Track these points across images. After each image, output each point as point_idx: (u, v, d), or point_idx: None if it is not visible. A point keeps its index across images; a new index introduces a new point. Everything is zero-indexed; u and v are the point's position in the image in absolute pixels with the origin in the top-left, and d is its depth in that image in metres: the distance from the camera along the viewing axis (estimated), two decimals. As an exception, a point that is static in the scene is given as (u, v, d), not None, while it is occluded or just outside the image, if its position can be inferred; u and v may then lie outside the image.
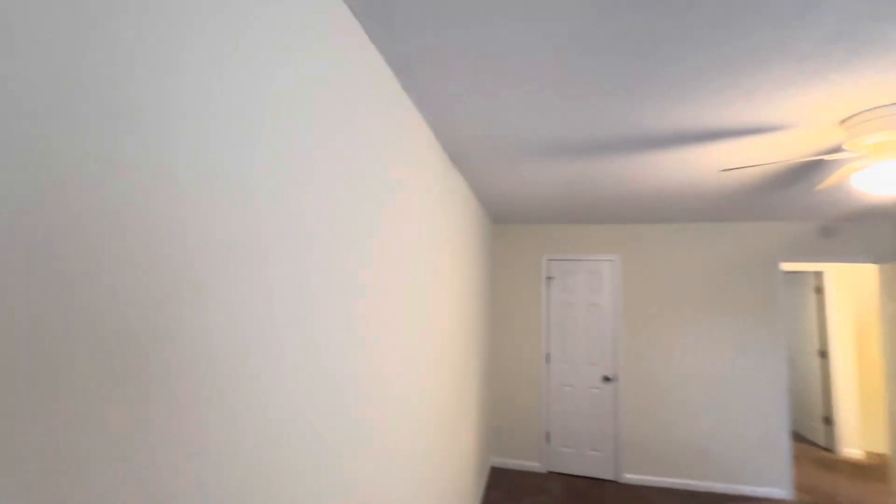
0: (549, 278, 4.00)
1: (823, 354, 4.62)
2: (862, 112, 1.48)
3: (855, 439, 4.39)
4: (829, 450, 4.53)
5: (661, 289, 3.79)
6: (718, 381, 3.62)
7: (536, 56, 1.20)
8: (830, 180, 1.82)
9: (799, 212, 3.18)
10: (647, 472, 3.66)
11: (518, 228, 4.10)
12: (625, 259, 3.87)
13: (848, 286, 4.54)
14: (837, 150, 1.78)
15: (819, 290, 4.68)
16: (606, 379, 3.80)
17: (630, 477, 3.67)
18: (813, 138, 1.70)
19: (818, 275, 4.68)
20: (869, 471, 4.01)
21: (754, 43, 1.10)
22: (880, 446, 4.37)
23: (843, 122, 1.55)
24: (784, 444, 3.47)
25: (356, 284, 1.09)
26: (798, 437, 4.86)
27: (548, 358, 3.93)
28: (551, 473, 3.81)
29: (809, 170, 2.12)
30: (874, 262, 3.47)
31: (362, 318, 1.13)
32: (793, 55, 1.15)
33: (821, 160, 1.86)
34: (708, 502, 3.34)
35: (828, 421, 4.55)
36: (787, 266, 4.50)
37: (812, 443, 4.75)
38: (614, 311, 3.84)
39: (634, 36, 1.09)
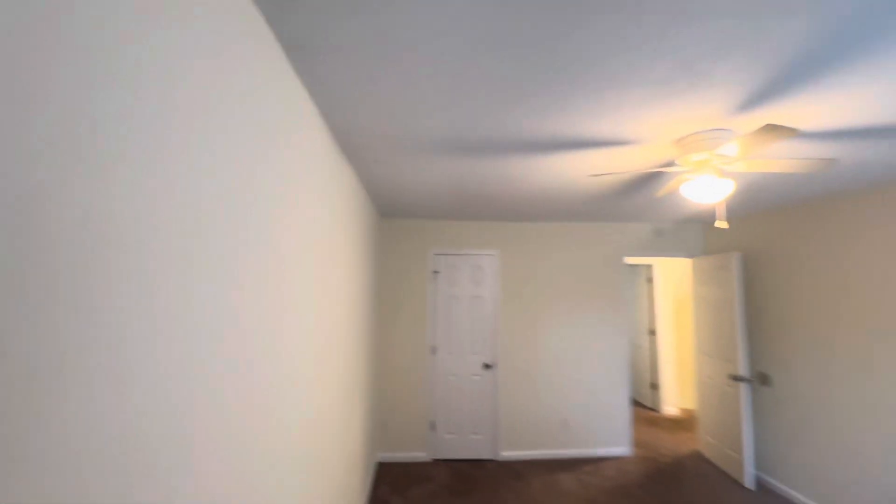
0: (435, 272, 4.10)
1: (653, 332, 5.63)
2: (690, 134, 1.81)
3: (673, 399, 5.45)
4: (654, 410, 5.54)
5: (534, 281, 4.18)
6: (578, 361, 4.14)
7: (432, 54, 1.20)
8: (666, 189, 2.21)
9: (640, 214, 3.80)
10: (521, 448, 4.02)
11: (406, 223, 4.12)
12: (504, 254, 4.17)
13: (670, 276, 5.59)
14: (672, 164, 2.16)
15: (650, 280, 5.67)
16: (487, 366, 4.05)
17: (506, 454, 3.99)
18: (656, 153, 2.03)
19: (649, 267, 5.66)
20: (682, 423, 5.02)
21: (618, 69, 1.26)
22: (690, 404, 5.51)
23: (677, 141, 1.88)
24: (625, 410, 4.14)
25: (228, 281, 0.96)
26: (634, 403, 5.85)
27: (433, 350, 4.04)
28: (436, 461, 3.93)
29: (651, 179, 2.54)
30: (688, 256, 4.34)
31: (236, 323, 1.00)
32: (647, 82, 1.35)
33: (660, 172, 2.24)
34: (569, 467, 3.81)
35: (654, 386, 5.57)
36: (629, 260, 5.36)
37: (643, 405, 5.76)
38: (494, 302, 4.11)
39: (520, 55, 1.16)
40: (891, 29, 1.07)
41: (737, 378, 3.50)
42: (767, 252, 3.52)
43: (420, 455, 3.93)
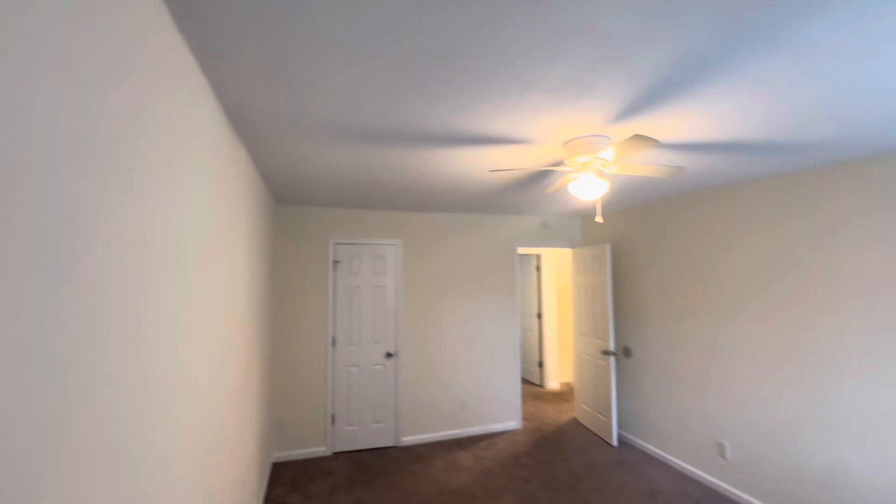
0: (336, 262, 3.98)
1: (540, 316, 6.19)
2: (576, 138, 2.03)
3: (555, 375, 6.09)
4: (540, 385, 6.14)
5: (436, 270, 4.30)
6: (475, 345, 4.39)
7: (339, 39, 1.17)
8: (555, 186, 2.45)
9: (531, 208, 4.14)
10: (422, 432, 4.15)
11: (305, 210, 3.91)
12: (407, 243, 4.21)
13: (555, 265, 6.19)
14: (561, 163, 2.40)
15: (538, 268, 6.22)
16: (389, 355, 4.08)
17: (407, 439, 4.08)
18: (548, 153, 2.24)
19: (538, 256, 6.21)
20: (563, 395, 5.65)
21: (521, 73, 1.37)
22: (570, 378, 6.21)
23: (565, 143, 2.10)
24: (517, 388, 4.52)
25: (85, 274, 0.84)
26: (523, 380, 6.41)
27: (334, 341, 3.93)
28: (337, 454, 3.86)
29: (543, 176, 2.78)
30: (570, 246, 4.86)
31: (102, 325, 0.88)
32: (545, 87, 1.49)
33: (551, 170, 2.47)
34: (467, 444, 4.05)
35: (540, 364, 6.16)
36: (521, 250, 5.80)
37: (531, 382, 6.34)
38: (397, 291, 4.14)
39: (431, 50, 1.19)
40: (724, 66, 1.33)
41: (606, 352, 4.05)
42: (632, 243, 4.12)
43: (320, 450, 3.83)
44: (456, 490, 3.20)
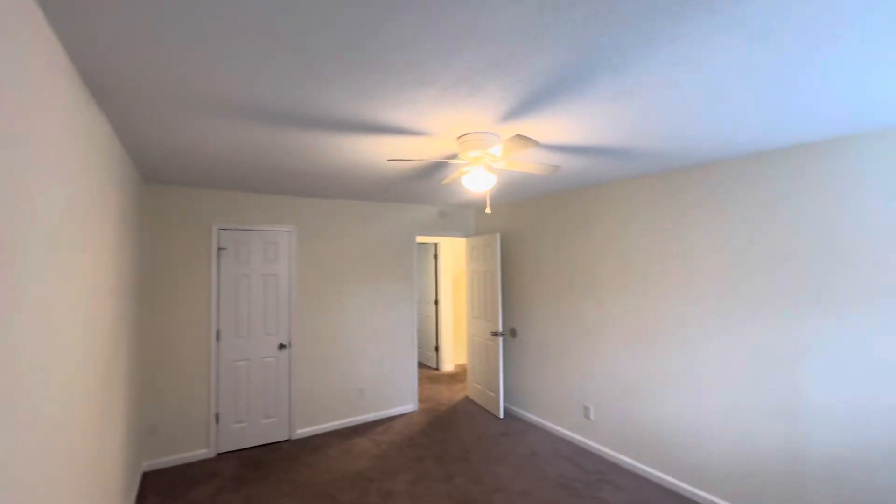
0: (220, 249, 3.67)
1: (436, 302, 6.44)
2: (468, 133, 2.18)
3: (450, 358, 6.41)
4: (436, 368, 6.41)
5: (332, 258, 4.21)
6: (373, 332, 4.43)
7: (226, 9, 1.11)
8: (451, 177, 2.59)
9: (429, 198, 4.27)
10: (317, 423, 4.07)
11: (183, 192, 3.51)
12: (301, 230, 4.05)
13: (451, 253, 6.47)
14: (455, 157, 2.54)
15: (436, 257, 6.44)
16: (282, 346, 3.91)
17: (302, 431, 3.98)
18: (444, 146, 2.36)
19: (436, 245, 6.42)
20: (457, 377, 5.98)
21: (418, 67, 1.44)
22: (463, 360, 6.58)
23: (459, 138, 2.23)
24: (413, 372, 4.68)
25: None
26: (420, 365, 6.62)
27: (218, 335, 3.64)
28: (223, 454, 3.61)
29: (439, 168, 2.91)
30: (464, 235, 5.13)
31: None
32: (440, 84, 1.58)
33: (446, 163, 2.60)
34: (364, 431, 4.09)
35: (437, 349, 6.42)
36: (419, 238, 5.95)
37: (427, 366, 6.58)
38: (291, 280, 3.97)
39: (329, 35, 1.20)
40: (587, 82, 1.56)
41: (495, 333, 4.40)
42: (518, 233, 4.50)
43: (201, 452, 3.53)
44: (352, 475, 3.23)
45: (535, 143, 1.85)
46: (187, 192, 3.53)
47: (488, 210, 2.73)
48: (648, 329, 3.17)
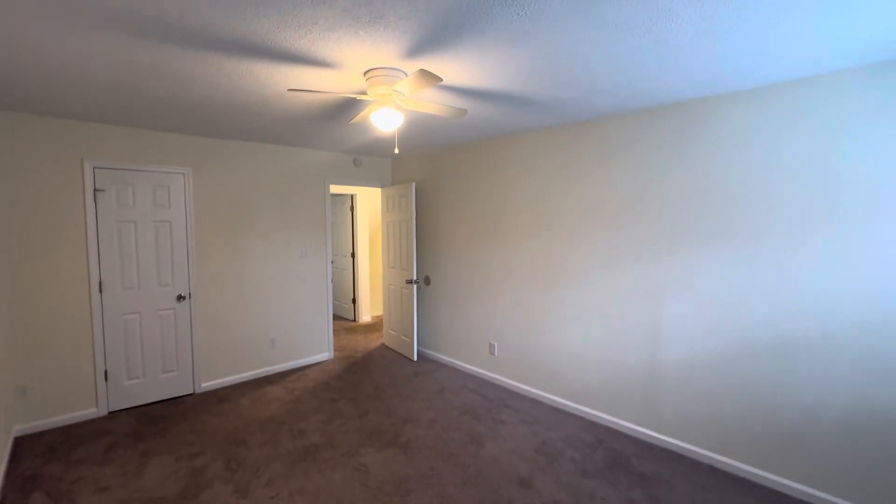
0: (97, 191, 3.24)
1: (353, 255, 6.38)
2: (374, 68, 2.13)
3: (367, 310, 6.47)
4: (353, 320, 6.45)
5: (235, 205, 3.93)
6: (283, 282, 4.30)
7: None
8: (359, 116, 2.53)
9: (340, 143, 4.12)
10: (224, 375, 3.94)
11: (40, 122, 2.99)
12: (197, 173, 3.70)
13: (367, 206, 6.37)
14: (363, 93, 2.48)
15: (352, 209, 6.31)
16: (181, 298, 3.65)
17: (207, 384, 3.83)
18: (350, 81, 2.28)
19: (353, 197, 6.27)
20: (373, 327, 6.09)
21: (314, -20, 1.37)
22: (379, 311, 6.69)
23: (365, 73, 2.17)
24: (328, 322, 4.67)
25: None
26: (336, 317, 6.61)
27: (101, 286, 3.29)
28: (115, 413, 3.37)
29: (348, 107, 2.81)
30: (381, 186, 5.08)
31: None
32: (338, 5, 1.51)
33: (354, 99, 2.53)
34: (277, 380, 4.05)
35: (354, 301, 6.44)
36: (333, 189, 5.76)
37: (345, 318, 6.59)
38: (187, 227, 3.66)
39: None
40: (489, 21, 1.60)
41: (410, 281, 4.52)
42: (433, 183, 4.57)
43: (89, 412, 3.26)
44: (263, 420, 3.23)
45: (440, 80, 1.87)
46: (50, 123, 3.02)
47: (396, 150, 2.73)
48: (546, 272, 3.49)
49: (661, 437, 2.84)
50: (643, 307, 2.90)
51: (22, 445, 2.88)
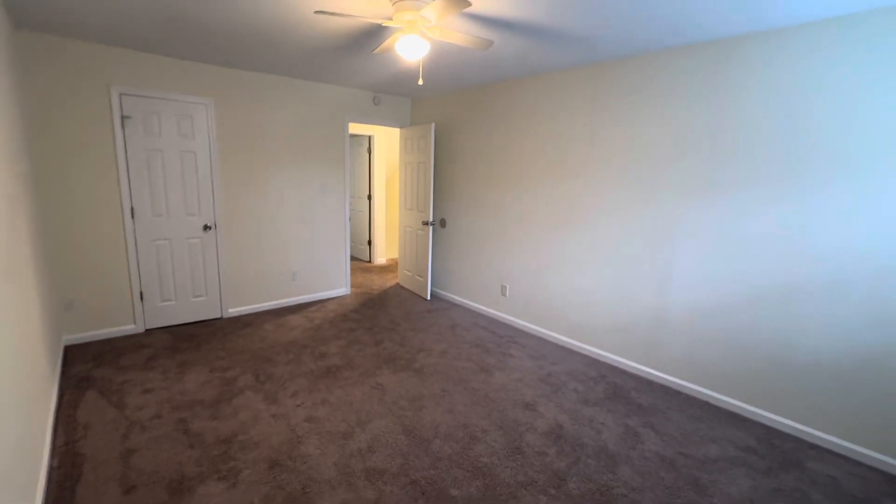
0: (125, 117, 3.30)
1: (370, 197, 6.45)
2: (402, -7, 2.08)
3: (382, 252, 6.64)
4: (369, 262, 6.64)
5: (258, 138, 3.98)
6: (303, 218, 4.42)
7: None
8: (384, 46, 2.49)
9: (361, 78, 4.05)
10: (249, 303, 4.18)
11: (67, 45, 3.01)
12: (220, 104, 3.72)
13: (385, 148, 6.34)
14: (390, 19, 2.43)
15: (370, 150, 6.30)
16: (207, 227, 3.80)
17: (233, 310, 4.08)
18: (378, 6, 2.23)
19: (370, 138, 6.24)
20: (389, 268, 6.27)
21: None
22: (395, 254, 6.85)
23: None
24: (345, 260, 4.83)
25: None
26: (351, 258, 6.80)
27: (133, 213, 3.44)
28: (150, 330, 3.64)
29: (372, 36, 2.76)
30: (399, 126, 5.04)
31: None
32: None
33: (379, 25, 2.48)
34: (297, 310, 4.29)
35: (370, 243, 6.59)
36: (351, 129, 5.72)
37: (360, 259, 6.79)
38: (211, 159, 3.74)
39: None
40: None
41: (426, 223, 4.61)
42: (453, 125, 4.52)
43: (128, 328, 3.54)
44: (287, 343, 3.47)
45: (468, 4, 1.84)
46: (76, 45, 3.04)
47: (420, 81, 2.70)
48: (561, 215, 3.52)
49: (661, 374, 2.99)
50: (654, 252, 2.95)
51: (71, 353, 3.17)
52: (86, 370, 2.90)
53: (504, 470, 2.05)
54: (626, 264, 3.12)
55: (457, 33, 2.27)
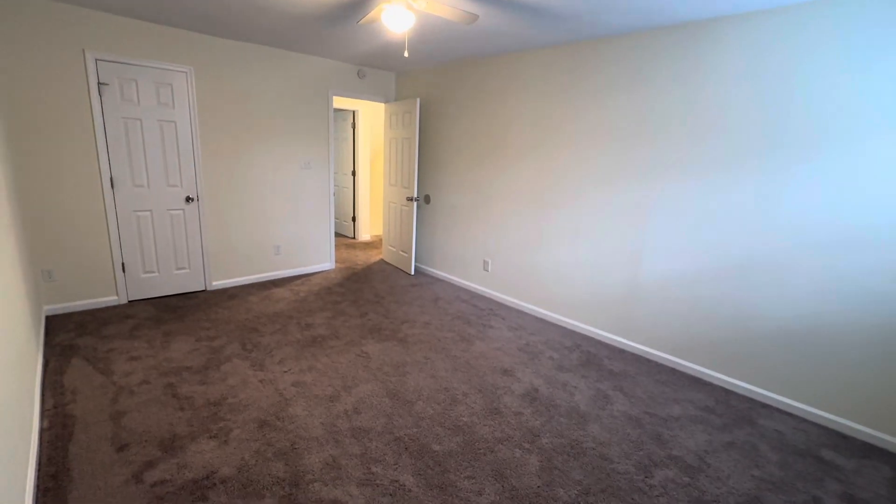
0: (102, 84, 3.22)
1: (354, 174, 6.42)
2: (389, -37, 2.08)
3: (367, 228, 6.66)
4: (353, 238, 6.67)
5: (239, 108, 3.92)
6: (286, 192, 4.41)
7: None
8: (369, 16, 2.49)
9: (345, 50, 4.01)
10: (233, 276, 4.20)
11: (39, 3, 2.90)
12: (200, 73, 3.65)
13: (370, 120, 6.30)
14: (374, -8, 2.42)
15: (354, 126, 6.24)
16: (189, 199, 3.77)
17: (217, 283, 4.09)
18: (361, -25, 2.23)
19: (354, 113, 6.18)
20: (373, 244, 6.32)
21: None
22: (380, 231, 6.88)
23: (378, -33, 2.13)
24: (330, 235, 4.86)
25: None
26: (336, 234, 6.81)
27: (112, 182, 3.39)
28: (133, 302, 3.64)
29: (358, 6, 2.75)
30: (384, 101, 5.01)
31: None
32: None
33: (364, -2, 2.48)
34: (282, 283, 4.32)
35: (354, 219, 6.60)
36: (335, 103, 5.65)
37: (344, 236, 6.80)
38: (192, 129, 3.68)
39: None
40: None
41: (410, 199, 4.65)
42: (438, 100, 4.52)
43: (110, 300, 3.53)
44: (273, 314, 3.52)
45: (454, -23, 1.86)
46: (48, 5, 2.93)
47: (406, 54, 2.71)
48: (543, 192, 3.62)
49: (633, 343, 3.17)
50: (629, 227, 3.08)
51: (53, 322, 3.16)
52: (69, 339, 2.91)
53: (483, 428, 2.19)
54: (602, 239, 3.26)
55: (442, 6, 2.29)
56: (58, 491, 1.67)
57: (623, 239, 3.13)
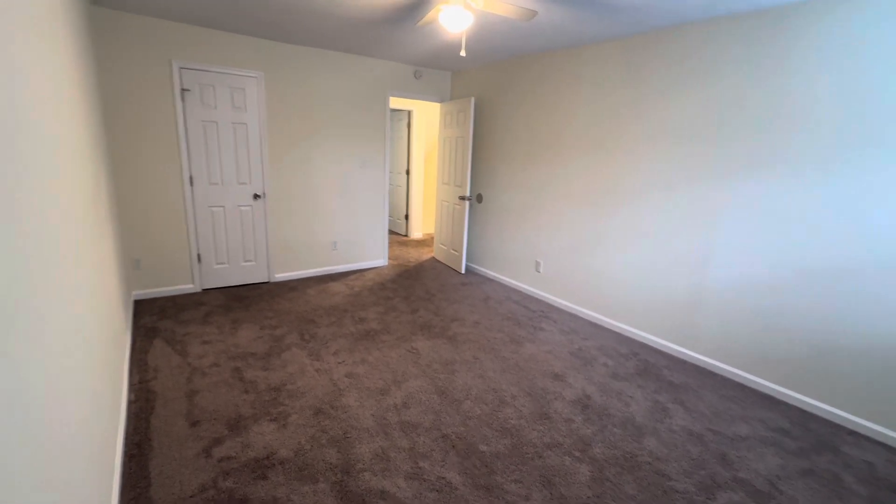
0: (184, 90, 3.52)
1: (408, 172, 6.55)
2: (448, -37, 2.10)
3: (419, 227, 6.77)
4: (406, 235, 6.80)
5: (303, 110, 4.13)
6: (345, 190, 4.59)
7: None
8: (427, 17, 2.52)
9: (403, 51, 4.09)
10: (294, 270, 4.43)
11: (133, 20, 3.22)
12: (269, 78, 3.88)
13: (424, 123, 6.38)
14: (432, -7, 2.45)
15: (409, 125, 6.36)
16: (256, 196, 4.04)
17: (280, 276, 4.34)
18: (421, -23, 2.26)
19: (410, 113, 6.29)
20: (425, 242, 6.41)
21: None
22: (432, 229, 6.97)
23: (438, -32, 2.15)
24: (384, 232, 4.99)
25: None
26: (390, 232, 6.97)
27: (191, 180, 3.70)
28: (208, 290, 3.95)
29: (416, 8, 2.79)
30: (439, 100, 5.06)
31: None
32: None
33: (423, -1, 2.51)
34: (338, 278, 4.50)
35: (407, 217, 6.73)
36: (392, 103, 5.78)
37: (397, 233, 6.96)
38: (260, 130, 3.93)
39: None
40: None
41: (463, 197, 4.67)
42: (492, 99, 4.49)
43: (187, 287, 3.86)
44: (329, 307, 3.68)
45: (514, -26, 1.84)
46: (142, 21, 3.25)
47: (463, 53, 2.71)
48: (599, 194, 3.48)
49: (695, 354, 2.97)
50: (695, 231, 2.88)
51: (140, 306, 3.51)
52: (152, 322, 3.22)
53: (531, 432, 2.15)
54: (664, 242, 3.08)
55: (501, 3, 2.27)
56: (141, 458, 1.85)
57: (688, 243, 2.94)
